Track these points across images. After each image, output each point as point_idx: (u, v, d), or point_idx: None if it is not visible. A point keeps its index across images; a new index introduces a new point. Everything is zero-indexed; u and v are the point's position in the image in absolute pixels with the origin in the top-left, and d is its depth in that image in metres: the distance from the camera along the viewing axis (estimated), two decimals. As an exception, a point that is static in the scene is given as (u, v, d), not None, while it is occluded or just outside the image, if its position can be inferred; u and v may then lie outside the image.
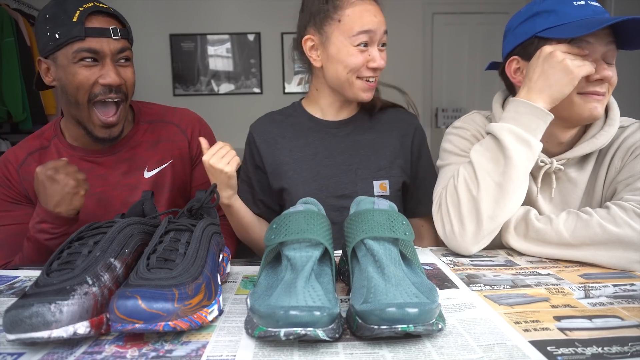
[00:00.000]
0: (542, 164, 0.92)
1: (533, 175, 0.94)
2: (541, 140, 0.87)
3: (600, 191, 0.93)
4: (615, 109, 0.92)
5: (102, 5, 0.94)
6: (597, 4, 0.87)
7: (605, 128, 0.90)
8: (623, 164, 0.89)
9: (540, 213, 0.92)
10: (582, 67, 0.81)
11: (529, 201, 0.94)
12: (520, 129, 0.83)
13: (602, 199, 0.93)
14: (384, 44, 1.05)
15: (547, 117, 0.83)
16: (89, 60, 0.92)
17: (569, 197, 0.95)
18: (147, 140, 1.08)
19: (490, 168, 0.84)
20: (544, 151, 0.93)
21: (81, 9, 0.91)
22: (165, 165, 1.08)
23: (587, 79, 0.84)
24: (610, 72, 0.85)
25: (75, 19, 0.90)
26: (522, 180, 0.83)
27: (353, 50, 1.01)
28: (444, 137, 1.07)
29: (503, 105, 0.99)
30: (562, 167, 0.92)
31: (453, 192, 0.87)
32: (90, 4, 0.92)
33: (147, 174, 1.06)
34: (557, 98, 0.83)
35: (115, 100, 0.96)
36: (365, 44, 1.01)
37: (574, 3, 0.87)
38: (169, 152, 1.10)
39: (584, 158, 0.93)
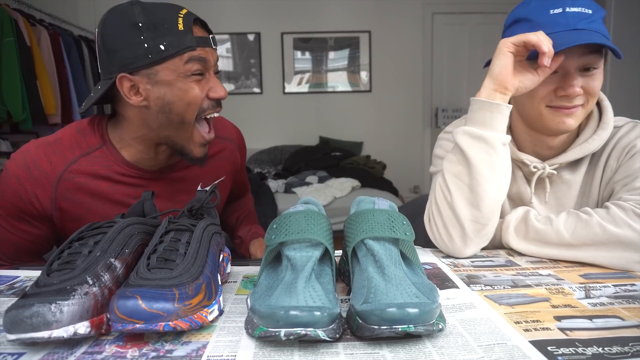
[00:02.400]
0: (534, 170, 0.92)
1: (527, 179, 0.95)
2: (531, 145, 0.89)
3: (596, 192, 0.92)
4: (608, 113, 0.90)
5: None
6: (577, 9, 0.81)
7: (598, 132, 0.89)
8: (619, 164, 0.88)
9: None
10: (513, 38, 0.79)
11: (523, 204, 0.95)
12: (474, 127, 0.83)
13: (598, 199, 0.92)
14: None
15: (499, 107, 0.82)
16: (197, 73, 0.82)
17: (564, 199, 0.95)
18: (210, 155, 1.00)
19: (458, 172, 0.84)
20: (536, 155, 0.94)
21: (181, 15, 0.81)
22: (219, 180, 1.03)
23: (555, 92, 0.84)
24: (582, 85, 0.82)
25: (181, 27, 0.80)
26: (491, 178, 0.81)
27: None
28: (436, 143, 1.07)
29: None
30: (554, 172, 0.92)
31: (434, 202, 0.88)
32: (186, 11, 0.83)
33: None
34: (502, 83, 0.82)
35: (216, 116, 0.90)
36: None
37: (551, 11, 0.83)
38: (223, 169, 1.06)
39: (578, 159, 0.93)
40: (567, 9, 0.82)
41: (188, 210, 0.70)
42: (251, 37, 4.60)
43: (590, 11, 0.81)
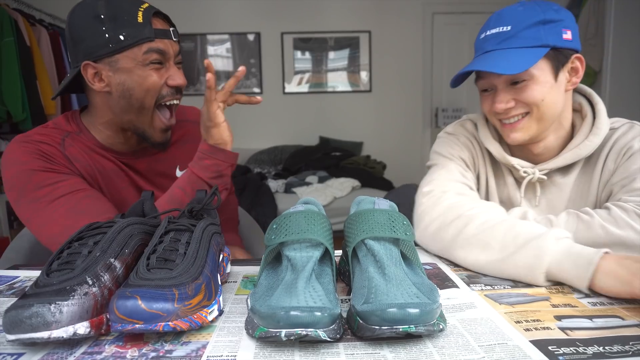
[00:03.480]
0: (525, 174, 0.94)
1: (517, 183, 0.98)
2: (519, 150, 0.94)
3: (594, 193, 0.92)
4: (601, 118, 0.90)
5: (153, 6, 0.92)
6: (495, 30, 0.87)
7: (590, 137, 0.90)
8: (617, 165, 0.89)
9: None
10: None
11: (512, 207, 0.95)
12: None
13: (597, 201, 0.92)
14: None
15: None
16: (156, 62, 0.89)
17: (555, 202, 0.96)
18: (176, 140, 1.08)
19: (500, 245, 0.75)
20: (527, 159, 0.96)
21: (141, 9, 0.87)
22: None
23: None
24: (515, 98, 0.87)
25: (140, 19, 0.86)
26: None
27: None
28: (436, 140, 1.07)
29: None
30: (545, 177, 0.93)
31: (452, 217, 0.82)
32: (147, 5, 0.89)
33: (180, 173, 1.07)
34: None
35: (176, 103, 0.95)
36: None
37: (481, 36, 0.92)
38: (193, 150, 1.07)
39: (574, 167, 0.94)
40: (488, 32, 0.89)
41: (188, 211, 0.70)
42: (251, 37, 4.60)
43: (508, 27, 0.86)
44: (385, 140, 4.75)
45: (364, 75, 4.72)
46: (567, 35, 0.86)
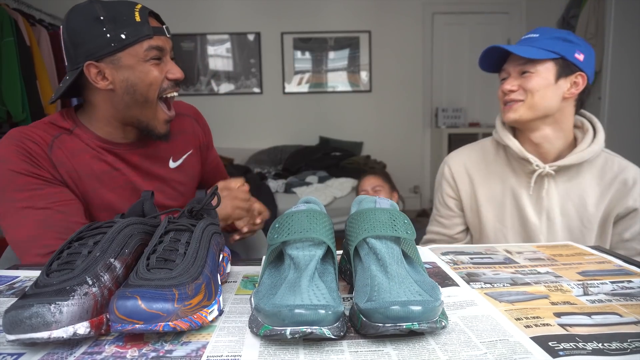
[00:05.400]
0: (537, 168, 1.12)
1: (527, 177, 1.17)
2: (527, 147, 1.16)
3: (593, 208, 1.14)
4: (601, 131, 1.14)
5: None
6: (528, 35, 1.13)
7: (592, 146, 1.11)
8: (619, 195, 1.11)
9: (525, 214, 1.16)
10: None
11: (516, 203, 1.18)
12: None
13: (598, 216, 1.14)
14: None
15: None
16: (156, 58, 0.94)
17: (548, 201, 1.15)
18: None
19: None
20: (539, 158, 1.16)
21: (137, 9, 0.92)
22: (188, 154, 1.14)
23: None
24: (520, 84, 1.10)
25: (138, 19, 0.91)
26: None
27: None
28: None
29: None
30: (553, 172, 1.13)
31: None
32: (140, 5, 0.94)
33: (173, 164, 1.11)
34: None
35: (175, 95, 1.01)
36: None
37: (523, 37, 1.15)
38: (190, 143, 1.15)
39: (574, 173, 1.14)
40: (523, 37, 1.15)
41: (188, 211, 0.70)
42: (251, 37, 4.60)
43: (537, 35, 1.11)
44: (385, 140, 4.75)
45: (364, 75, 4.72)
46: (579, 56, 1.08)
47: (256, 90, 4.68)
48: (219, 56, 4.62)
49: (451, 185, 1.27)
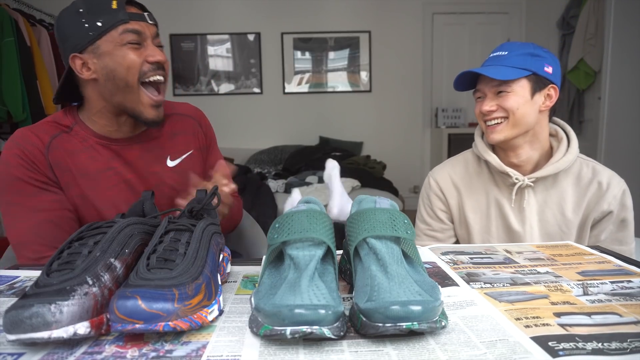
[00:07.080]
0: (516, 181, 1.16)
1: (509, 189, 1.20)
2: (505, 160, 1.19)
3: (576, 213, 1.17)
4: (574, 139, 1.17)
5: None
6: (496, 53, 1.14)
7: (567, 155, 1.15)
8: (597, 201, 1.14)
9: (509, 223, 1.19)
10: None
11: (501, 213, 1.20)
12: None
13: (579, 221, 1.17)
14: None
15: None
16: (134, 43, 0.95)
17: (529, 210, 1.18)
18: (166, 131, 1.13)
19: None
20: (518, 170, 1.19)
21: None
22: (187, 154, 1.14)
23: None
24: (498, 104, 1.12)
25: (115, 6, 0.94)
26: None
27: None
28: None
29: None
30: (532, 184, 1.16)
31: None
32: None
33: (171, 163, 1.11)
34: None
35: (159, 79, 1.00)
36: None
37: (487, 58, 1.18)
38: (191, 144, 1.16)
39: (551, 182, 1.17)
40: (491, 55, 1.16)
41: (188, 211, 0.70)
42: (251, 37, 4.60)
43: (505, 52, 1.13)
44: (385, 140, 4.75)
45: (364, 75, 4.72)
46: (548, 69, 1.11)
47: (256, 90, 4.69)
48: (219, 56, 4.62)
49: (440, 198, 1.28)
